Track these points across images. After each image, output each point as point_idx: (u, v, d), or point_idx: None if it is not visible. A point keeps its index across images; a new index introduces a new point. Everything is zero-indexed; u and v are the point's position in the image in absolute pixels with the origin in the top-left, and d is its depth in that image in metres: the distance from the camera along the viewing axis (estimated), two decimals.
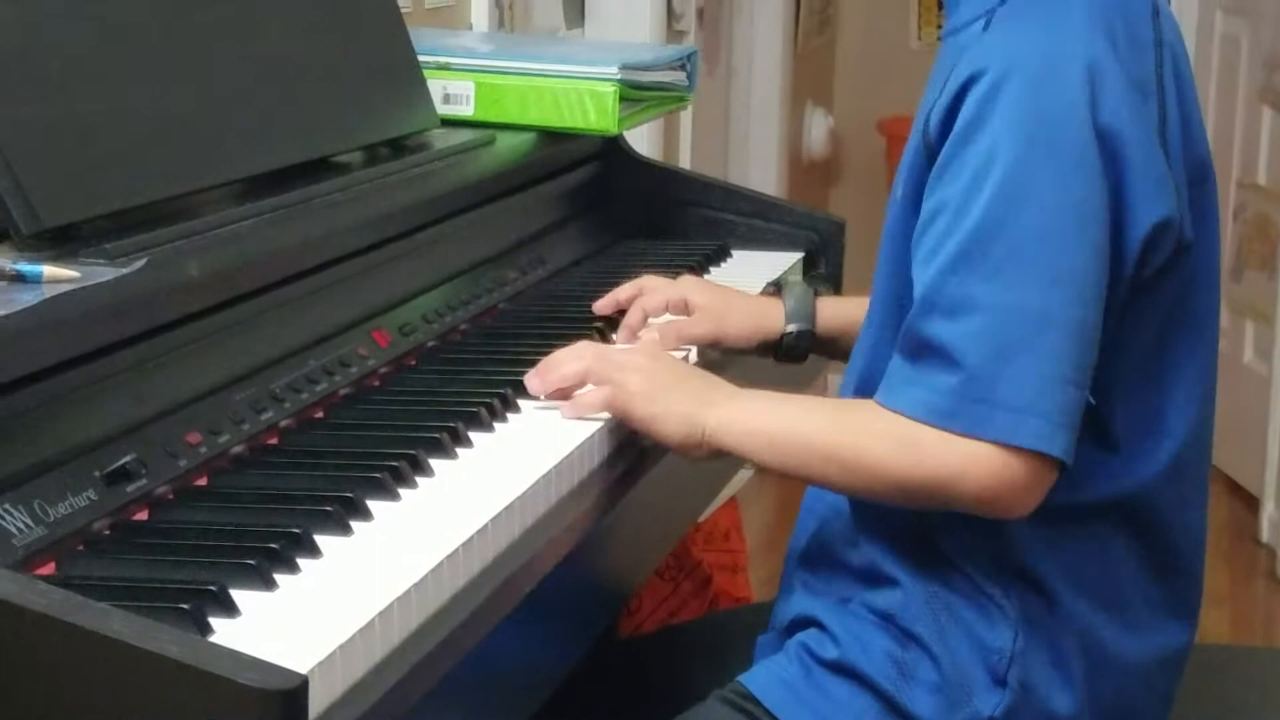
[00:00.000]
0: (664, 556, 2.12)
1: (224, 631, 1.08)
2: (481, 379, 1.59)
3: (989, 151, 1.38)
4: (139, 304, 1.33)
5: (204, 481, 1.33)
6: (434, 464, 1.40)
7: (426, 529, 1.27)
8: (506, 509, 1.31)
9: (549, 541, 1.35)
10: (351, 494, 1.29)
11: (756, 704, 1.51)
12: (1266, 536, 4.07)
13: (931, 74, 1.50)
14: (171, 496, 1.30)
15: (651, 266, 1.98)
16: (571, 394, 1.55)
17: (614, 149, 2.26)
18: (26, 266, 1.29)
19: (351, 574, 1.19)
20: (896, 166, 1.51)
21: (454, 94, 2.08)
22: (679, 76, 2.22)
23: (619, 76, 2.06)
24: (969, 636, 1.47)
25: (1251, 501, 4.17)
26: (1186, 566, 1.54)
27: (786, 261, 2.21)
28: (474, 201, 1.90)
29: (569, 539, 1.38)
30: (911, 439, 1.39)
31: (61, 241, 1.36)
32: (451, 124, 2.03)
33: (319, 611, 1.12)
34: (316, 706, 1.02)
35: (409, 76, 1.94)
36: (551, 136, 2.09)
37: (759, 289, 2.04)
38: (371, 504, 1.30)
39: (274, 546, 1.18)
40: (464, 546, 1.24)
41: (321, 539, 1.22)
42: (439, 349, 1.72)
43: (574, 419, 1.53)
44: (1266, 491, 4.08)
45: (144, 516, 1.26)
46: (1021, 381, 1.36)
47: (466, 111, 2.08)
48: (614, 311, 1.83)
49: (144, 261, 1.35)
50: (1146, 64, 1.43)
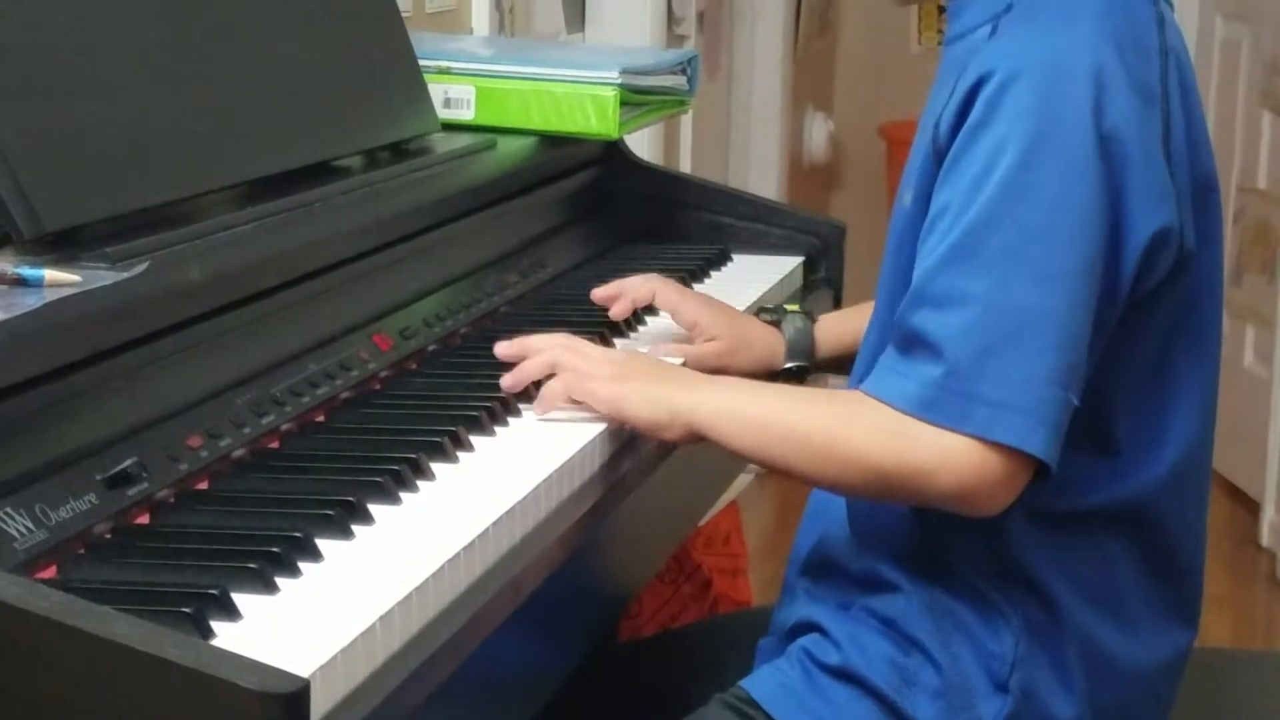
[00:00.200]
0: (664, 561, 2.12)
1: (225, 635, 1.08)
2: (482, 383, 1.59)
3: (994, 150, 1.38)
4: (140, 308, 1.33)
5: (205, 485, 1.33)
6: (435, 468, 1.40)
7: (427, 533, 1.27)
8: (507, 513, 1.31)
9: (550, 545, 1.35)
10: (352, 497, 1.29)
11: (758, 709, 1.51)
12: (1267, 540, 4.06)
13: (935, 81, 1.50)
14: (173, 500, 1.29)
15: (652, 270, 1.98)
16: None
17: (615, 153, 2.26)
18: (28, 270, 1.29)
19: (353, 577, 1.19)
20: (897, 170, 1.51)
21: (455, 98, 2.08)
22: (679, 80, 2.22)
23: (620, 81, 2.06)
24: (971, 642, 1.47)
25: (1252, 505, 4.17)
26: (1187, 572, 1.54)
27: (787, 265, 2.21)
28: (475, 205, 1.90)
29: (569, 543, 1.38)
30: (895, 429, 1.38)
31: (63, 245, 1.36)
32: (452, 128, 2.03)
33: (320, 615, 1.12)
34: (318, 710, 1.02)
35: (410, 80, 1.94)
36: (552, 140, 2.09)
37: (758, 293, 2.04)
38: (372, 508, 1.30)
39: (275, 550, 1.18)
40: (465, 550, 1.24)
41: (322, 542, 1.22)
42: (440, 353, 1.72)
43: (543, 416, 1.52)
44: (1267, 495, 4.08)
45: (145, 520, 1.26)
46: (1005, 378, 1.35)
47: (467, 115, 2.08)
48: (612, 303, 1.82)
49: (145, 265, 1.34)
50: (1152, 72, 1.43)
